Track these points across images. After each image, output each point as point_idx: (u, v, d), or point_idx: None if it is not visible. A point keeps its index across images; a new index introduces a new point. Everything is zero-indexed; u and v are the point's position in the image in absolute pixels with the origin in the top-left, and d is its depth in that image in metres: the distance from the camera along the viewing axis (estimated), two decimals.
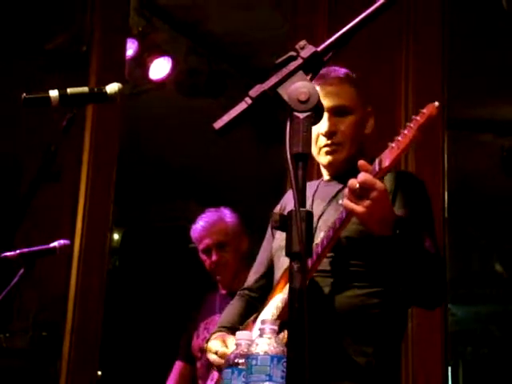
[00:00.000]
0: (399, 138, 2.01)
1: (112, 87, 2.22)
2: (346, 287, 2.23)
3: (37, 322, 4.29)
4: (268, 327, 1.65)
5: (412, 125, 2.01)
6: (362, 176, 1.98)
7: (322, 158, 2.38)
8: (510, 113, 6.17)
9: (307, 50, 1.42)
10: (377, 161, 2.02)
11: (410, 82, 3.81)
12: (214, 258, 3.75)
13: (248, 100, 1.41)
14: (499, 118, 6.25)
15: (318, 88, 2.33)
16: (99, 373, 4.96)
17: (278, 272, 2.37)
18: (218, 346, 2.33)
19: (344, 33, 1.42)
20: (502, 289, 8.06)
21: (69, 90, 2.16)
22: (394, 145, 2.01)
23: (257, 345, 1.64)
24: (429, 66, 3.83)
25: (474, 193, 6.70)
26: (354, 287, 2.22)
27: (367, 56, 3.79)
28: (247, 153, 6.18)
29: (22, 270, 2.79)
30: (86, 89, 2.20)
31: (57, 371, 4.13)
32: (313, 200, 2.36)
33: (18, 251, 2.81)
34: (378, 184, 1.98)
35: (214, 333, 2.45)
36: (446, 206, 3.68)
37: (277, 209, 2.57)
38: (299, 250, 1.33)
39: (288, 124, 1.38)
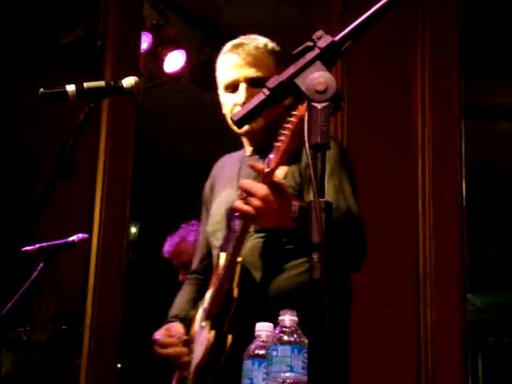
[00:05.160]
0: (282, 138, 2.01)
1: (128, 81, 2.22)
2: (282, 268, 2.25)
3: (56, 315, 4.31)
4: (288, 318, 1.65)
5: (289, 125, 2.00)
6: (245, 183, 2.07)
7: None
8: None
9: (324, 40, 1.41)
10: (266, 162, 2.05)
11: (426, 72, 3.79)
12: (180, 278, 3.81)
13: (266, 91, 1.40)
14: None
15: (235, 56, 2.37)
16: (118, 365, 4.98)
17: (215, 251, 2.40)
18: (164, 337, 2.38)
19: (361, 22, 1.41)
20: None
21: (85, 85, 2.16)
22: (279, 144, 2.02)
23: (276, 336, 1.64)
24: (445, 55, 3.81)
25: (492, 181, 6.66)
26: (292, 266, 2.24)
27: (382, 46, 3.78)
28: None
29: (41, 264, 2.81)
30: (102, 83, 2.20)
31: (76, 364, 4.15)
32: (238, 179, 2.36)
33: (37, 245, 2.83)
34: (260, 192, 2.03)
35: (162, 324, 2.47)
36: (463, 194, 3.67)
37: (206, 185, 2.63)
38: (319, 241, 1.33)
39: (306, 114, 1.37)
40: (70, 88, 2.14)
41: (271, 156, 2.03)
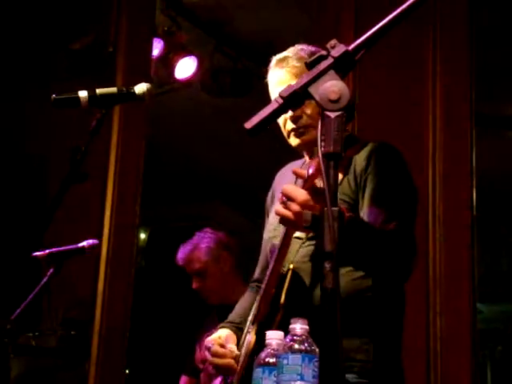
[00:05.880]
0: (322, 143, 2.01)
1: (140, 87, 2.23)
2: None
3: (65, 321, 4.31)
4: (299, 326, 1.65)
5: None
6: (285, 188, 2.06)
7: (292, 141, 2.42)
8: None
9: (338, 49, 1.41)
10: (307, 167, 2.06)
11: (437, 81, 3.78)
12: (194, 285, 3.82)
13: (279, 99, 1.41)
14: None
15: (281, 71, 2.40)
16: (127, 371, 4.98)
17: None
18: (215, 344, 2.36)
19: (375, 32, 1.41)
20: None
21: (98, 91, 2.17)
22: (320, 149, 2.02)
23: (287, 345, 1.63)
24: (456, 64, 3.80)
25: (503, 191, 6.65)
26: (346, 272, 2.23)
27: (393, 55, 3.78)
28: (274, 153, 6.17)
29: (51, 270, 2.81)
30: (114, 89, 2.21)
31: (85, 369, 4.15)
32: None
33: (47, 251, 2.83)
34: (300, 197, 2.02)
35: (220, 327, 2.47)
36: (474, 203, 3.66)
37: (268, 195, 2.63)
38: (331, 250, 1.33)
39: (319, 123, 1.37)
40: (83, 94, 2.15)
41: (312, 162, 2.03)
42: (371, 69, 3.67)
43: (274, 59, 2.46)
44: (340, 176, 2.25)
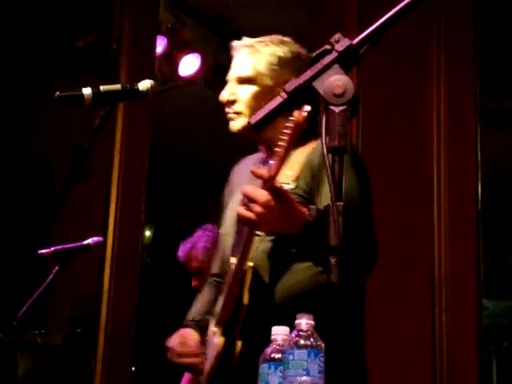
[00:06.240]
0: (281, 144, 2.01)
1: (144, 84, 2.22)
2: (289, 271, 2.25)
3: (71, 318, 4.32)
4: (304, 322, 1.64)
5: (288, 131, 2.01)
6: (246, 189, 2.06)
7: (230, 126, 2.44)
8: None
9: (342, 44, 1.40)
10: (268, 167, 2.05)
11: (441, 75, 3.78)
12: (193, 283, 3.82)
13: (283, 94, 1.40)
14: None
15: (245, 56, 2.44)
16: (133, 368, 4.99)
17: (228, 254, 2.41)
18: (179, 345, 2.39)
19: (379, 25, 1.41)
20: None
21: (102, 88, 2.16)
22: (279, 150, 2.02)
23: (292, 340, 1.63)
24: (461, 59, 3.80)
25: (508, 185, 6.63)
26: (297, 270, 2.23)
27: (397, 50, 3.77)
28: None
29: (56, 267, 2.82)
30: (118, 86, 2.20)
31: (91, 367, 4.16)
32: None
33: (52, 249, 2.84)
34: (261, 198, 2.02)
35: (180, 327, 2.48)
36: (479, 198, 3.65)
37: (225, 189, 2.64)
38: (336, 244, 1.33)
39: (324, 118, 1.37)
40: (87, 91, 2.15)
41: (271, 162, 2.03)
42: (375, 65, 3.66)
43: (245, 42, 2.49)
44: (298, 172, 2.26)
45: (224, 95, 2.43)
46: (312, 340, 1.62)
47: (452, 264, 3.58)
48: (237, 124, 2.41)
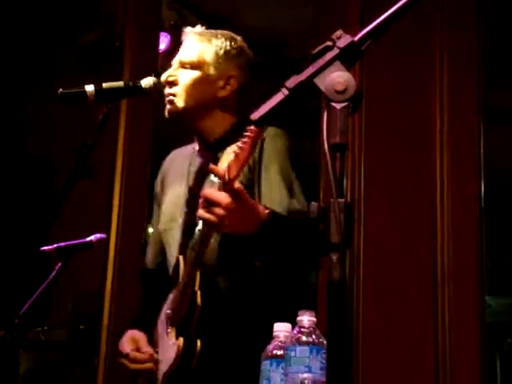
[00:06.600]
0: (243, 146, 1.98)
1: (147, 81, 2.24)
2: (236, 270, 2.32)
3: (74, 315, 4.32)
4: (306, 318, 1.65)
5: (250, 134, 1.97)
6: (207, 193, 2.07)
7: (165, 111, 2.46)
8: None
9: (344, 40, 1.40)
10: (226, 168, 2.02)
11: (444, 72, 3.77)
12: None
13: (285, 91, 1.40)
14: None
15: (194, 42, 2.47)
16: None
17: (171, 250, 2.45)
18: (133, 352, 2.40)
19: (381, 21, 1.41)
20: None
21: (104, 85, 2.17)
22: (240, 152, 1.99)
23: (294, 337, 1.63)
24: (464, 56, 3.79)
25: (510, 183, 6.62)
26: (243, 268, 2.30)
27: (399, 47, 3.77)
28: None
29: (59, 264, 2.82)
30: (121, 83, 2.22)
31: (94, 364, 4.16)
32: (188, 175, 2.46)
33: (55, 245, 2.84)
34: (223, 201, 2.03)
35: (128, 328, 2.51)
36: (482, 195, 3.65)
37: (157, 181, 2.65)
38: (338, 241, 1.32)
39: (325, 114, 1.37)
40: (89, 88, 2.15)
41: (231, 164, 2.00)
42: (378, 62, 3.66)
43: (197, 29, 2.51)
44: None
45: (164, 75, 2.45)
46: (314, 337, 1.62)
47: (455, 261, 3.58)
48: (170, 108, 2.43)
